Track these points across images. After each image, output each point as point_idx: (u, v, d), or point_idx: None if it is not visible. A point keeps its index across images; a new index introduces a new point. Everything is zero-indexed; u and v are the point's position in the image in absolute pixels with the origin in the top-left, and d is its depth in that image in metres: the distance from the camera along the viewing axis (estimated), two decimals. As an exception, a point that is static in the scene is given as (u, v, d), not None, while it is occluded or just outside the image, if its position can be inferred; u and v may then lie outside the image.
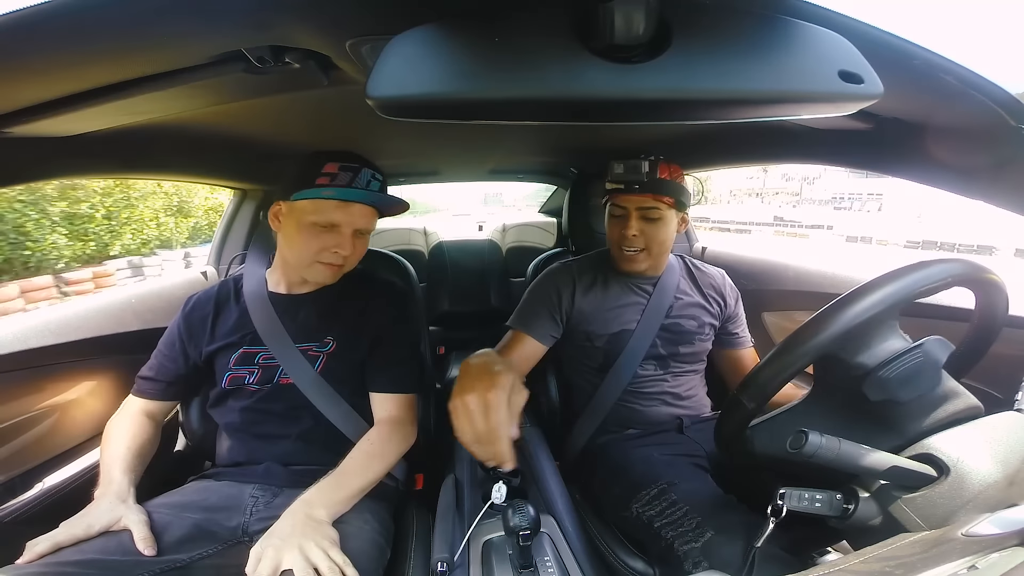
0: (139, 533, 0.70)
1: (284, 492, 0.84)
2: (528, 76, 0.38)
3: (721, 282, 1.15)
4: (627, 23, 0.36)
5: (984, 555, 0.40)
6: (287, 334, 0.91)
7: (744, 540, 0.67)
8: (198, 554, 0.74)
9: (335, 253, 0.86)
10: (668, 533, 0.77)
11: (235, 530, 0.78)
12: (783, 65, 0.40)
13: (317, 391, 0.90)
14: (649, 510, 0.83)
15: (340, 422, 0.91)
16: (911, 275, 0.57)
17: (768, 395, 0.60)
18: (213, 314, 0.93)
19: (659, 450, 0.97)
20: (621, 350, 1.05)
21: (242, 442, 0.91)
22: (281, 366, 0.90)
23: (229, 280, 0.99)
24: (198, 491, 0.84)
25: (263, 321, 0.92)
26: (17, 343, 0.91)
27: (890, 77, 0.41)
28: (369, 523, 0.80)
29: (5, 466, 0.89)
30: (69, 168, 0.85)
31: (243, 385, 0.90)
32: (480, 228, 3.18)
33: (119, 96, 0.59)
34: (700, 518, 0.75)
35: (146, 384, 0.93)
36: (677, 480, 0.85)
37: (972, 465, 0.53)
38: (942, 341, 0.58)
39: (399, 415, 0.93)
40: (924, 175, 0.75)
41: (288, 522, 0.70)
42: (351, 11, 0.47)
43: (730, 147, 1.23)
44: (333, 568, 0.65)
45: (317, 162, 0.84)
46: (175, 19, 0.45)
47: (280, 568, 0.64)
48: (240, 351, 0.91)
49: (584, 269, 1.11)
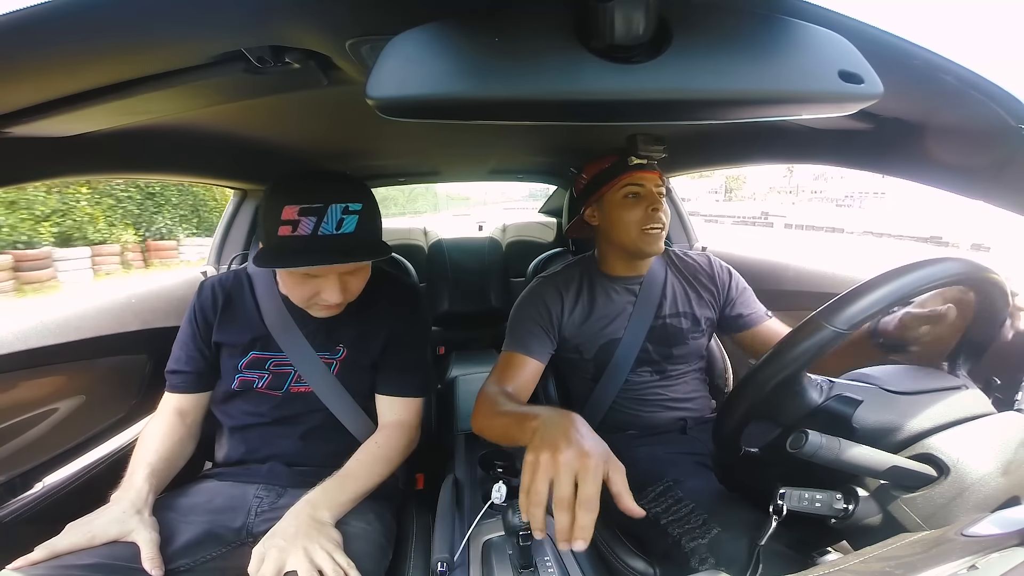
0: (147, 552, 0.67)
1: (288, 492, 0.83)
2: (528, 76, 0.38)
3: (709, 266, 1.11)
4: (627, 23, 0.36)
5: (984, 555, 0.40)
6: (308, 343, 0.89)
7: (750, 537, 0.67)
8: (203, 557, 0.74)
9: (325, 301, 0.81)
10: (675, 530, 0.77)
11: (239, 531, 0.78)
12: (783, 65, 0.40)
13: (332, 395, 0.89)
14: (655, 507, 0.82)
15: (349, 423, 0.91)
16: (909, 275, 0.57)
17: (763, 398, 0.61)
18: (224, 302, 0.91)
19: (663, 449, 0.96)
20: (610, 359, 1.04)
21: (246, 441, 0.90)
22: (294, 372, 0.89)
23: (243, 272, 0.95)
24: (203, 492, 0.83)
25: (280, 328, 0.89)
26: (17, 343, 0.91)
27: (890, 77, 0.41)
28: (372, 524, 0.80)
29: (5, 466, 0.89)
30: (69, 168, 0.85)
31: (252, 388, 0.89)
32: (480, 228, 3.18)
33: (119, 96, 0.59)
34: (707, 515, 0.75)
35: (175, 378, 0.89)
36: (682, 477, 0.85)
37: (972, 465, 0.53)
38: (845, 399, 0.60)
39: (406, 419, 0.92)
40: (924, 175, 0.75)
41: (292, 523, 0.70)
42: (351, 11, 0.47)
43: (730, 147, 1.23)
44: (337, 571, 0.65)
45: (276, 205, 0.74)
46: (175, 19, 0.45)
47: (284, 569, 0.64)
48: (251, 355, 0.89)
49: (569, 280, 1.07)
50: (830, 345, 0.56)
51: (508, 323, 1.05)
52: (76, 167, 0.86)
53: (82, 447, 1.05)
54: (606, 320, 1.05)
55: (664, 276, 1.08)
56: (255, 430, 0.90)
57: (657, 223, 0.97)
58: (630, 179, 0.97)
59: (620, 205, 0.98)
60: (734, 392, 0.65)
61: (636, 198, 0.98)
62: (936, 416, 0.59)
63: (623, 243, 1.01)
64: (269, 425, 0.89)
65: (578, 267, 1.11)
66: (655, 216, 0.96)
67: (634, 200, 0.98)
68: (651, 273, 1.08)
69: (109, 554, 0.66)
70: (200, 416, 0.92)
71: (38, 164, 0.77)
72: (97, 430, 1.09)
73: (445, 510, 0.82)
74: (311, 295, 0.81)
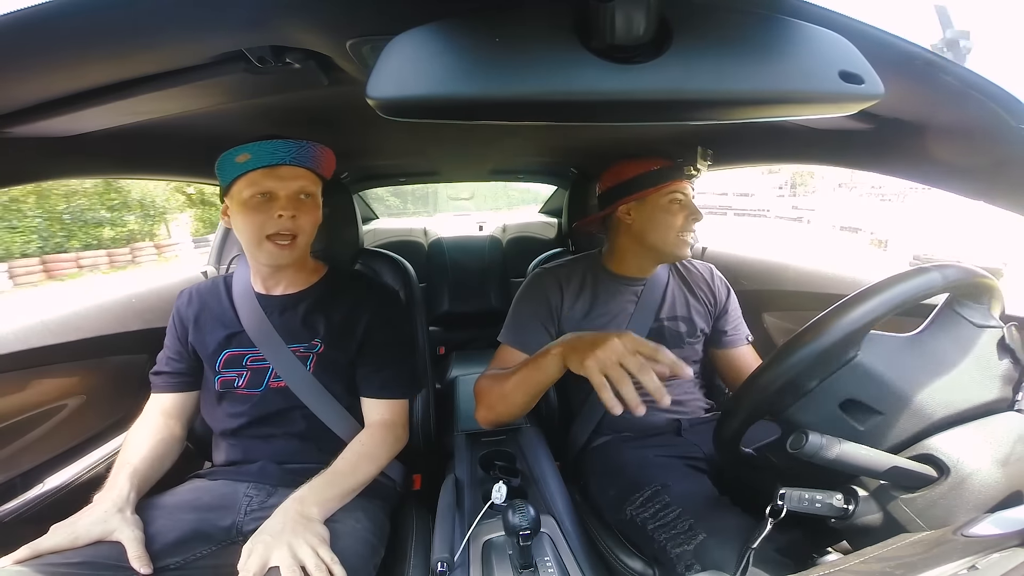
0: (133, 551, 0.68)
1: (279, 491, 0.83)
2: (529, 76, 0.38)
3: (710, 277, 1.14)
4: (628, 23, 0.36)
5: (984, 555, 0.40)
6: (278, 335, 0.90)
7: (737, 542, 0.67)
8: (193, 555, 0.74)
9: (278, 219, 0.83)
10: (661, 536, 0.77)
11: (229, 530, 0.78)
12: (784, 65, 0.40)
13: (309, 392, 0.89)
14: (643, 512, 0.82)
15: (332, 422, 0.91)
16: (899, 285, 0.57)
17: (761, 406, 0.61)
18: (199, 306, 0.94)
19: (655, 451, 0.96)
20: None
21: (236, 443, 0.91)
22: (271, 368, 0.89)
23: (220, 278, 0.99)
24: (192, 491, 0.84)
25: (253, 322, 0.91)
26: (17, 343, 0.91)
27: (891, 77, 0.41)
28: (361, 521, 0.80)
29: (5, 466, 0.89)
30: (69, 168, 0.85)
31: (233, 388, 0.89)
32: (480, 228, 3.17)
33: (119, 96, 0.59)
34: (693, 520, 0.75)
35: (157, 379, 0.93)
36: (671, 482, 0.85)
37: (972, 465, 0.53)
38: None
39: (390, 419, 0.93)
40: (924, 175, 0.75)
41: (279, 519, 0.70)
42: (352, 11, 0.47)
43: (730, 147, 1.23)
44: (320, 566, 0.65)
45: (236, 151, 0.84)
46: (176, 19, 0.45)
47: (268, 565, 0.65)
48: (227, 353, 0.90)
49: (571, 274, 1.08)
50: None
51: (509, 313, 1.06)
52: (76, 167, 0.86)
53: (82, 447, 1.05)
54: (607, 318, 1.05)
55: (666, 280, 1.10)
56: (243, 432, 0.90)
57: (692, 231, 1.03)
58: (679, 186, 1.01)
59: (665, 209, 1.01)
60: (743, 386, 0.65)
61: (680, 205, 1.01)
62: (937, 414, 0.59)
63: (657, 245, 1.03)
64: (255, 425, 0.89)
65: (582, 263, 1.12)
66: (693, 226, 1.02)
67: (679, 206, 1.01)
68: (655, 276, 1.09)
69: (95, 553, 0.67)
70: (187, 417, 0.95)
71: (38, 164, 0.77)
72: (97, 430, 1.09)
73: (445, 510, 0.82)
74: (264, 220, 0.83)
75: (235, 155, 0.84)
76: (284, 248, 0.85)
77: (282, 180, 0.84)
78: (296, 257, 0.88)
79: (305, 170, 0.87)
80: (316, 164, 0.89)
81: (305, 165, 0.87)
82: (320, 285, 0.96)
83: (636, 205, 1.03)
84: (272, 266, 0.90)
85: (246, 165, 0.83)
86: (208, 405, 0.94)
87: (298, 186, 0.86)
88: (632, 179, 1.03)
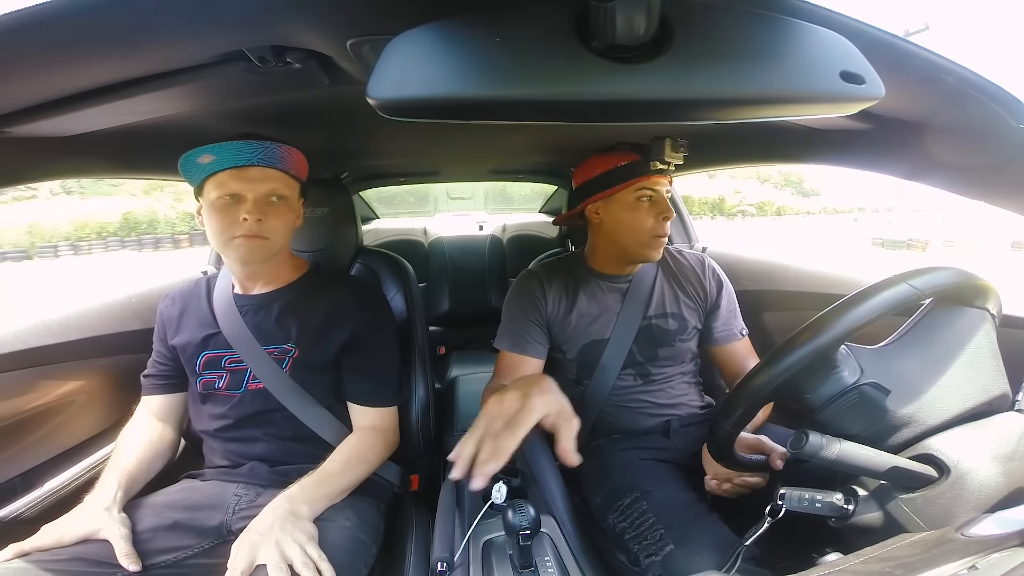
0: (120, 549, 0.68)
1: (268, 491, 0.83)
2: (529, 76, 0.38)
3: (701, 270, 1.07)
4: (628, 23, 0.36)
5: (984, 555, 0.40)
6: (253, 336, 0.89)
7: (707, 554, 0.67)
8: (182, 553, 0.75)
9: (243, 222, 0.81)
10: (634, 545, 0.77)
11: (218, 528, 0.79)
12: (784, 65, 0.40)
13: (288, 394, 0.88)
14: (622, 521, 0.82)
15: (315, 424, 0.90)
16: (886, 291, 0.57)
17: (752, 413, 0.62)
18: (180, 309, 0.94)
19: (641, 454, 0.94)
20: (596, 362, 1.00)
21: (224, 444, 0.91)
22: (249, 369, 0.89)
23: (204, 279, 0.99)
24: (182, 490, 0.85)
25: (228, 323, 0.90)
26: (17, 343, 0.91)
27: (891, 78, 0.41)
28: (351, 520, 0.80)
29: (5, 466, 0.89)
30: (69, 168, 0.85)
31: (215, 390, 0.89)
32: (481, 228, 3.17)
33: (119, 96, 0.59)
34: (663, 530, 0.74)
35: (145, 382, 0.94)
36: (652, 487, 0.83)
37: (972, 465, 0.53)
38: (877, 386, 0.60)
39: (380, 424, 0.92)
40: (925, 175, 0.75)
41: (268, 517, 0.70)
42: (352, 11, 0.47)
43: (730, 147, 1.23)
44: (308, 563, 0.65)
45: (198, 152, 0.83)
46: (176, 19, 0.45)
47: (256, 563, 0.65)
48: (205, 355, 0.90)
49: (552, 273, 1.04)
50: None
51: (501, 318, 1.04)
52: (76, 167, 0.86)
53: (82, 447, 1.05)
54: (589, 318, 1.02)
55: (654, 275, 1.05)
56: (228, 433, 0.90)
57: (665, 232, 0.95)
58: (647, 182, 0.94)
59: (632, 207, 0.95)
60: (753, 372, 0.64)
61: (649, 202, 0.94)
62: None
63: (626, 246, 0.98)
64: (238, 426, 0.89)
65: (565, 262, 1.10)
66: (665, 226, 0.94)
67: (648, 204, 0.94)
68: (641, 272, 1.05)
69: (84, 551, 0.68)
70: (177, 418, 0.95)
71: (38, 164, 0.77)
72: (98, 430, 1.09)
73: (445, 510, 0.82)
74: (231, 221, 0.82)
75: (197, 156, 0.82)
76: (249, 242, 0.83)
77: (250, 182, 0.82)
78: (267, 255, 0.87)
79: (277, 171, 0.85)
80: (286, 165, 0.86)
81: (274, 166, 0.84)
82: (297, 284, 0.95)
83: (603, 204, 0.98)
84: (242, 264, 0.88)
85: (211, 167, 0.81)
86: (194, 406, 0.94)
87: (268, 188, 0.84)
88: (598, 177, 0.97)
